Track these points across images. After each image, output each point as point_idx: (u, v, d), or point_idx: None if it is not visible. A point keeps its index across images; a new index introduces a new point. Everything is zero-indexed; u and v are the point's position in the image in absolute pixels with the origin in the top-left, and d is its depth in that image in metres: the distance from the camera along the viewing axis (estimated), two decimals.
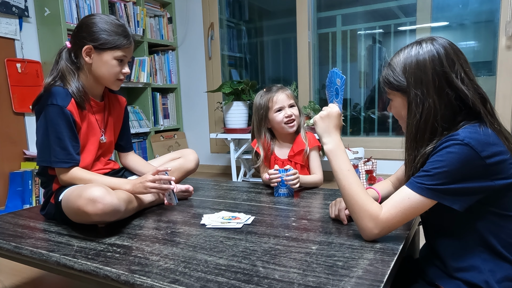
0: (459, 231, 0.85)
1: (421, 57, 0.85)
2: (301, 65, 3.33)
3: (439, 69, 0.83)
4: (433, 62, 0.84)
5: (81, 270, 0.91)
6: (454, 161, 0.78)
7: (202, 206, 1.38)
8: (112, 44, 1.30)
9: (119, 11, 3.20)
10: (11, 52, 2.66)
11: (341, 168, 0.96)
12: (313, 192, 1.52)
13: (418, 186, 0.83)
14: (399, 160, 1.01)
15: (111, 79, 1.35)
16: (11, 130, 2.66)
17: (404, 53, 0.89)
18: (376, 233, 0.90)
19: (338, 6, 3.33)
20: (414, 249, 1.27)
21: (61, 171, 1.27)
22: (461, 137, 0.79)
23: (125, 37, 1.32)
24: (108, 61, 1.31)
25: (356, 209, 0.91)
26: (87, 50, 1.30)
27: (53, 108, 1.24)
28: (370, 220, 0.89)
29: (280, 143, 1.70)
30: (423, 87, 0.84)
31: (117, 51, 1.31)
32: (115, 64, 1.32)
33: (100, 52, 1.30)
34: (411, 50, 0.88)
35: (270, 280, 0.78)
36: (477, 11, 2.84)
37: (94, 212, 1.08)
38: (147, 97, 3.53)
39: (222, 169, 3.85)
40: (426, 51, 0.85)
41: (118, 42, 1.30)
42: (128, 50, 1.35)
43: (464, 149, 0.78)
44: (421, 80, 0.85)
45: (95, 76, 1.34)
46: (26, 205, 2.61)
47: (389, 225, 0.87)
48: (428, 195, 0.82)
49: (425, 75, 0.84)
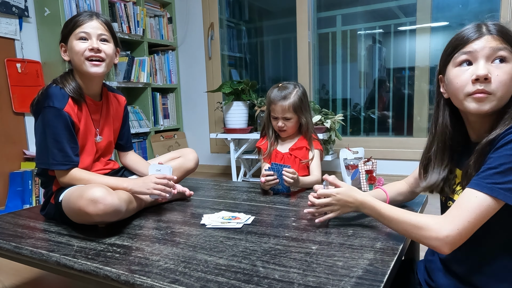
0: (493, 238, 0.78)
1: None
2: (301, 65, 3.33)
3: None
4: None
5: (81, 270, 0.91)
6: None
7: (202, 206, 1.38)
8: (70, 28, 1.30)
9: (119, 11, 3.20)
10: (11, 52, 2.66)
11: (378, 214, 0.92)
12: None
13: (489, 187, 0.72)
14: (399, 160, 1.00)
15: (80, 61, 1.29)
16: (11, 130, 2.66)
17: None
18: (447, 250, 0.76)
19: (338, 6, 3.33)
20: (414, 250, 1.27)
21: (60, 173, 1.27)
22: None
23: (81, 15, 1.31)
24: (71, 45, 1.30)
25: (410, 229, 0.81)
26: (62, 49, 1.33)
27: (50, 110, 1.24)
28: (435, 241, 0.76)
29: (283, 139, 1.75)
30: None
31: (75, 31, 1.29)
32: (77, 43, 1.29)
33: (67, 43, 1.31)
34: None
35: (270, 280, 0.78)
36: (477, 11, 2.84)
37: (95, 212, 1.08)
38: (147, 97, 3.53)
39: (222, 169, 3.85)
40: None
41: (74, 22, 1.30)
42: (88, 25, 1.29)
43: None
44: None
45: (77, 71, 1.34)
46: (26, 205, 2.61)
47: (457, 225, 0.74)
48: (501, 197, 0.71)
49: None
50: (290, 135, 1.72)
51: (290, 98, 1.62)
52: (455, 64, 0.82)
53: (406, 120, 3.15)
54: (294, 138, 1.72)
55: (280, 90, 1.65)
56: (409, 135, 3.14)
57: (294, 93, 1.64)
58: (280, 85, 1.68)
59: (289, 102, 1.62)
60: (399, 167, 1.08)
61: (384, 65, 3.29)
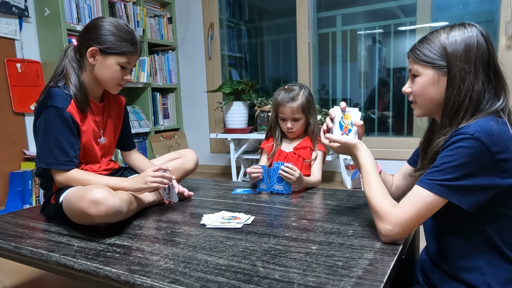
0: (466, 231, 0.85)
1: (466, 36, 0.84)
2: (301, 65, 3.33)
3: (484, 51, 0.84)
4: (478, 42, 0.84)
5: (81, 270, 0.91)
6: (464, 155, 0.77)
7: (202, 206, 1.38)
8: (118, 50, 1.30)
9: (119, 11, 3.20)
10: (11, 52, 2.66)
11: (365, 180, 0.98)
12: (313, 192, 1.52)
13: (428, 183, 0.82)
14: (399, 160, 1.01)
15: (111, 84, 1.36)
16: (11, 130, 2.66)
17: (445, 31, 0.88)
18: (390, 229, 0.87)
19: (338, 6, 3.33)
20: (414, 249, 1.27)
21: (59, 173, 1.27)
22: (471, 131, 0.77)
23: (132, 44, 1.32)
24: (111, 66, 1.31)
25: (372, 211, 0.92)
26: (92, 52, 1.30)
27: (52, 110, 1.24)
28: (383, 219, 0.88)
29: (289, 139, 1.77)
30: (467, 63, 0.84)
31: (122, 57, 1.31)
32: (118, 70, 1.33)
33: (105, 56, 1.30)
34: (453, 29, 0.87)
35: (270, 280, 0.78)
36: (477, 11, 2.84)
37: (97, 214, 1.08)
38: (147, 97, 3.53)
39: (222, 169, 3.85)
40: (471, 32, 0.85)
41: (125, 49, 1.30)
42: (133, 58, 1.35)
43: (473, 143, 0.76)
44: (467, 57, 0.84)
45: (97, 78, 1.34)
46: (26, 205, 2.61)
47: (402, 221, 0.85)
48: (437, 192, 0.80)
49: (470, 53, 0.84)
50: (297, 135, 1.74)
51: (298, 99, 1.65)
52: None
53: (406, 120, 3.15)
54: (300, 138, 1.74)
55: (288, 92, 1.67)
56: (409, 135, 3.14)
57: (302, 94, 1.67)
58: (287, 87, 1.70)
59: (297, 103, 1.64)
60: (399, 167, 1.08)
61: (384, 65, 3.30)
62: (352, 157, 1.05)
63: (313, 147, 1.70)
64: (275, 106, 1.71)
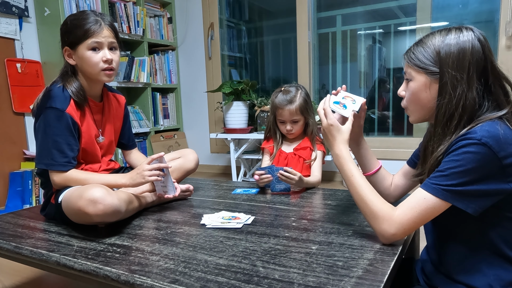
0: (468, 233, 0.84)
1: (461, 42, 0.82)
2: (301, 65, 3.33)
3: (479, 57, 0.81)
4: (473, 48, 0.81)
5: (81, 270, 0.91)
6: (470, 160, 0.76)
7: (202, 206, 1.38)
8: (80, 36, 1.27)
9: (119, 11, 3.20)
10: (11, 52, 2.66)
11: (347, 176, 0.96)
12: (313, 192, 1.52)
13: (433, 187, 0.80)
14: (399, 160, 1.01)
15: (96, 71, 1.30)
16: (11, 130, 2.66)
17: (441, 34, 0.85)
18: (392, 233, 0.86)
19: (338, 6, 3.33)
20: (414, 249, 1.27)
21: (57, 174, 1.26)
22: (478, 136, 0.75)
23: (89, 23, 1.27)
24: (84, 54, 1.28)
25: (368, 212, 0.90)
26: (66, 53, 1.31)
27: (51, 111, 1.24)
28: (384, 221, 0.86)
29: (289, 140, 1.77)
30: (460, 71, 0.81)
31: (87, 40, 1.27)
32: (92, 55, 1.28)
33: (76, 50, 1.29)
34: (449, 33, 0.85)
35: (270, 280, 0.78)
36: (477, 11, 2.84)
37: (95, 213, 1.08)
38: (147, 97, 3.53)
39: (222, 169, 3.85)
40: (467, 37, 0.82)
41: (84, 31, 1.26)
42: (99, 34, 1.27)
43: (481, 148, 0.75)
44: (459, 63, 0.81)
45: (85, 75, 1.33)
46: (26, 205, 2.61)
47: (404, 225, 0.84)
48: (442, 197, 0.79)
49: (463, 59, 0.81)
50: (296, 136, 1.74)
51: (296, 101, 1.64)
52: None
53: (406, 120, 3.14)
54: (299, 139, 1.74)
55: (285, 94, 1.65)
56: (409, 135, 3.14)
57: (299, 95, 1.65)
58: (283, 89, 1.68)
59: (296, 105, 1.63)
60: (399, 167, 1.08)
61: (384, 65, 3.30)
62: (327, 143, 1.03)
63: (312, 147, 1.70)
64: (273, 109, 1.70)
